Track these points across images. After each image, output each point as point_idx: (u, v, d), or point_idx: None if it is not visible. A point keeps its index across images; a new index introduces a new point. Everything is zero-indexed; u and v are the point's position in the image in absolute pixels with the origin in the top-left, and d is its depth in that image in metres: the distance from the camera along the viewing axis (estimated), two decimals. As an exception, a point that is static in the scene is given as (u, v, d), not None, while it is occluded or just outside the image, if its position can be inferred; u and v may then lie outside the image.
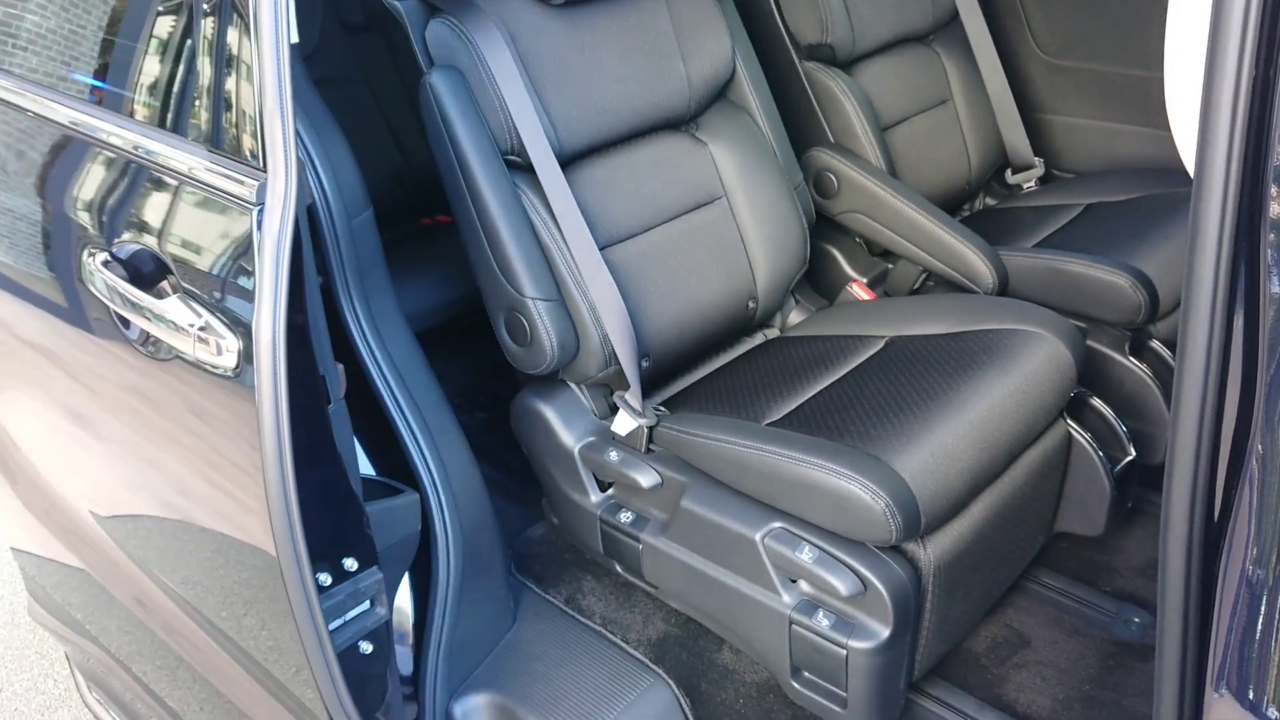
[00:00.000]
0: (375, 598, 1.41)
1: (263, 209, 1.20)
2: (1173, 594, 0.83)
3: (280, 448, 1.21)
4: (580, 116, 1.81)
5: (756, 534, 1.58)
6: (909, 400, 1.64)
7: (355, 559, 1.37)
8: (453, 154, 1.68)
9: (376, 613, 1.42)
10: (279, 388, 1.19)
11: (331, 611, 1.34)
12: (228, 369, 1.29)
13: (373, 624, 1.41)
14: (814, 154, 2.30)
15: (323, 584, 1.32)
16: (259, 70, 1.20)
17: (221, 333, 1.28)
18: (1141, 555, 1.97)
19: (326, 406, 1.34)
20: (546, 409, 1.84)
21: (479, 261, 1.75)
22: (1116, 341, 2.04)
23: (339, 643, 1.35)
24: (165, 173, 1.39)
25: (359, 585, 1.38)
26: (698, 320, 1.92)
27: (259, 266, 1.20)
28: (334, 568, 1.34)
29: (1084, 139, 2.70)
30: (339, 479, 1.36)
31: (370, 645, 1.42)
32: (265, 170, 1.21)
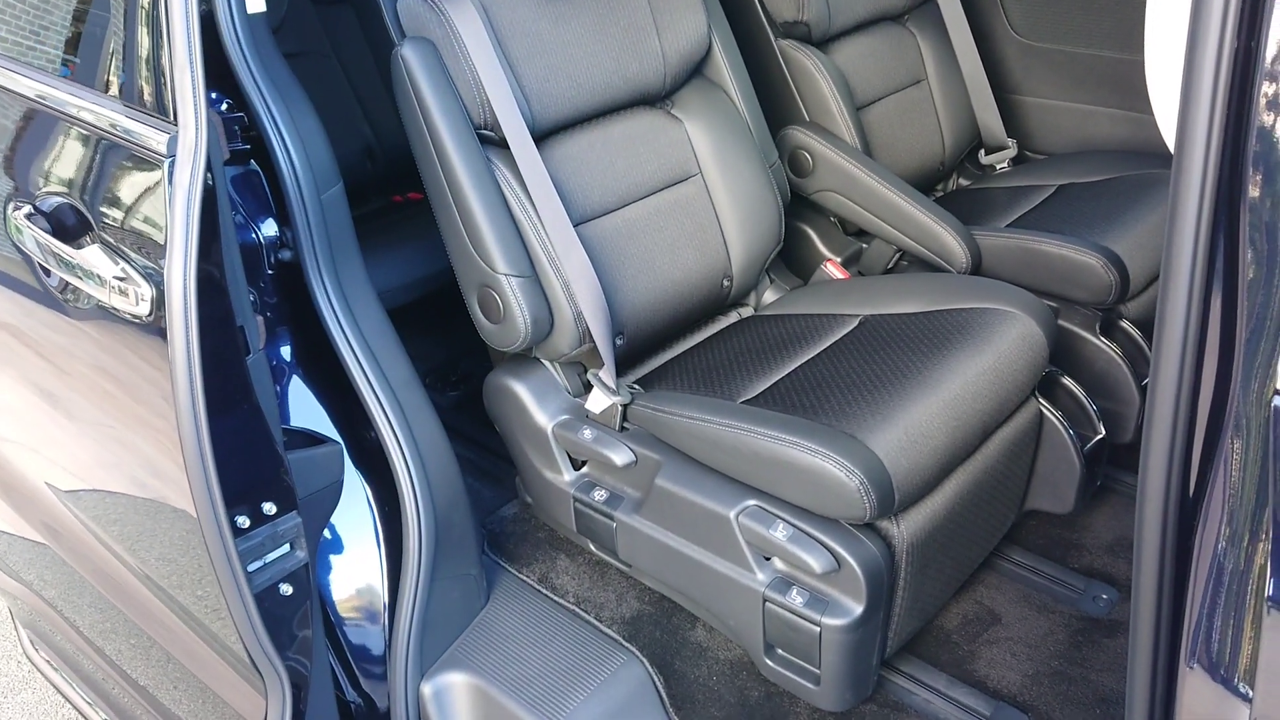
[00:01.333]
0: (295, 541, 1.47)
1: (174, 161, 1.24)
2: (1147, 569, 0.84)
3: (192, 391, 1.25)
4: (554, 91, 1.79)
5: (730, 512, 1.58)
6: (883, 379, 1.64)
7: (274, 504, 1.42)
8: (425, 128, 1.66)
9: (296, 555, 1.47)
10: (190, 334, 1.24)
11: (250, 553, 1.40)
12: (143, 317, 1.33)
13: (293, 566, 1.47)
14: (789, 132, 2.29)
15: (241, 526, 1.38)
16: (168, 22, 1.22)
17: (138, 282, 1.33)
18: (1110, 533, 1.99)
19: (245, 357, 1.38)
20: (519, 387, 1.83)
21: (451, 237, 1.73)
22: (1088, 321, 2.05)
23: (258, 583, 1.41)
24: (82, 125, 1.42)
25: (278, 529, 1.44)
26: (673, 298, 1.91)
27: (170, 218, 1.23)
28: (253, 511, 1.40)
29: (1057, 120, 2.71)
30: (257, 426, 1.40)
31: (290, 587, 1.47)
32: (176, 123, 1.24)
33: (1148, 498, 0.82)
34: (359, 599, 1.69)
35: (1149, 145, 2.57)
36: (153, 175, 1.30)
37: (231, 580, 1.38)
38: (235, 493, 1.36)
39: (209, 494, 1.31)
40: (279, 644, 1.45)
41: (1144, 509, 0.82)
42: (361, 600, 1.69)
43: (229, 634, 1.45)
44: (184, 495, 1.34)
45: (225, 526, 1.35)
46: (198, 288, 1.24)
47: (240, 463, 1.38)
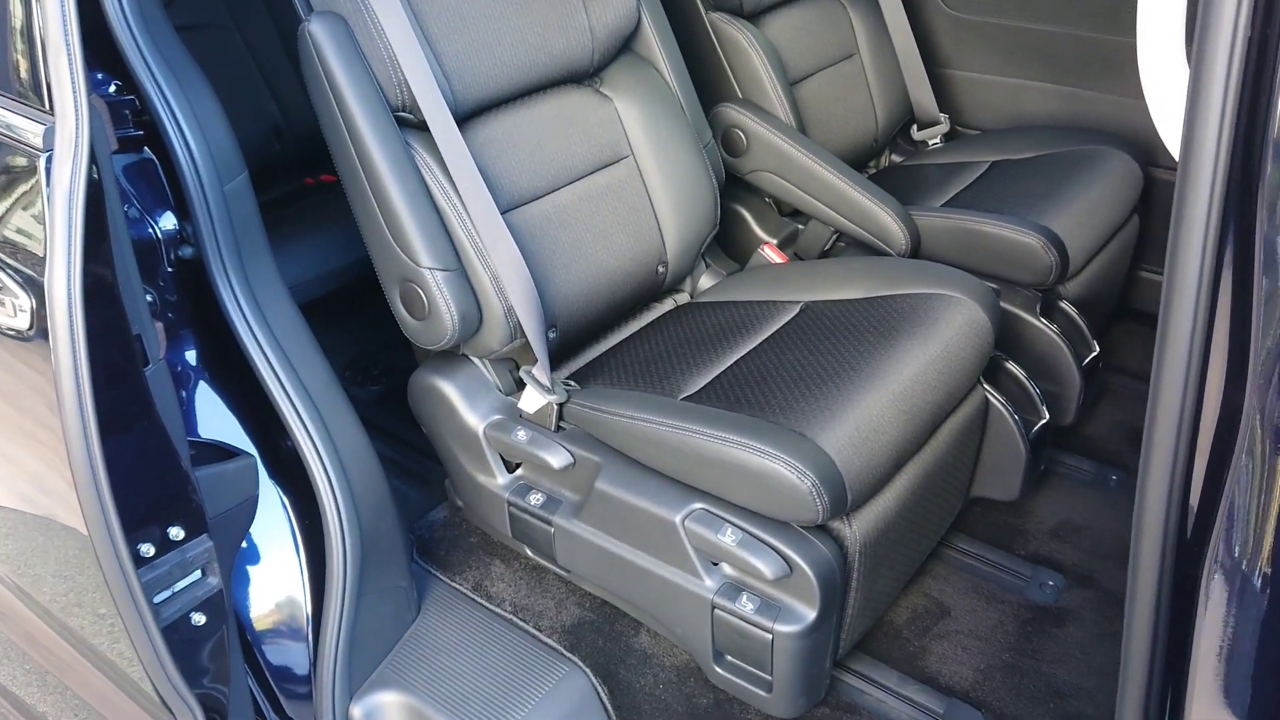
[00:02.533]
0: (206, 567, 1.37)
1: (52, 156, 1.11)
2: (1143, 600, 0.78)
3: (81, 411, 1.15)
4: (476, 69, 1.68)
5: (676, 516, 1.50)
6: (829, 371, 1.58)
7: (182, 527, 1.32)
8: (337, 110, 1.53)
9: (208, 582, 1.37)
10: (77, 348, 1.13)
11: (156, 584, 1.29)
12: (23, 331, 1.22)
13: (205, 594, 1.37)
14: (721, 110, 2.20)
15: (144, 555, 1.27)
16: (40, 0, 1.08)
17: (14, 291, 1.21)
18: (1053, 517, 1.97)
19: (142, 368, 1.27)
20: (448, 386, 1.72)
21: (369, 229, 1.61)
22: (1028, 303, 2.02)
23: (166, 616, 1.31)
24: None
25: (187, 555, 1.33)
26: (606, 287, 1.82)
27: (50, 218, 1.11)
28: (157, 537, 1.29)
29: (988, 95, 2.68)
30: (159, 444, 1.29)
31: (203, 616, 1.37)
32: (53, 113, 1.11)
33: (1144, 527, 0.76)
34: (280, 618, 1.57)
35: (1080, 120, 2.55)
36: (29, 172, 1.16)
37: (135, 615, 1.26)
38: (136, 519, 1.25)
39: (105, 523, 1.19)
40: (191, 677, 1.35)
41: (1140, 536, 0.76)
42: (283, 619, 1.57)
43: (133, 669, 1.33)
44: (75, 513, 1.22)
45: (126, 557, 1.23)
46: (84, 295, 1.12)
47: (141, 485, 1.26)
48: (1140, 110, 2.49)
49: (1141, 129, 2.43)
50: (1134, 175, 2.28)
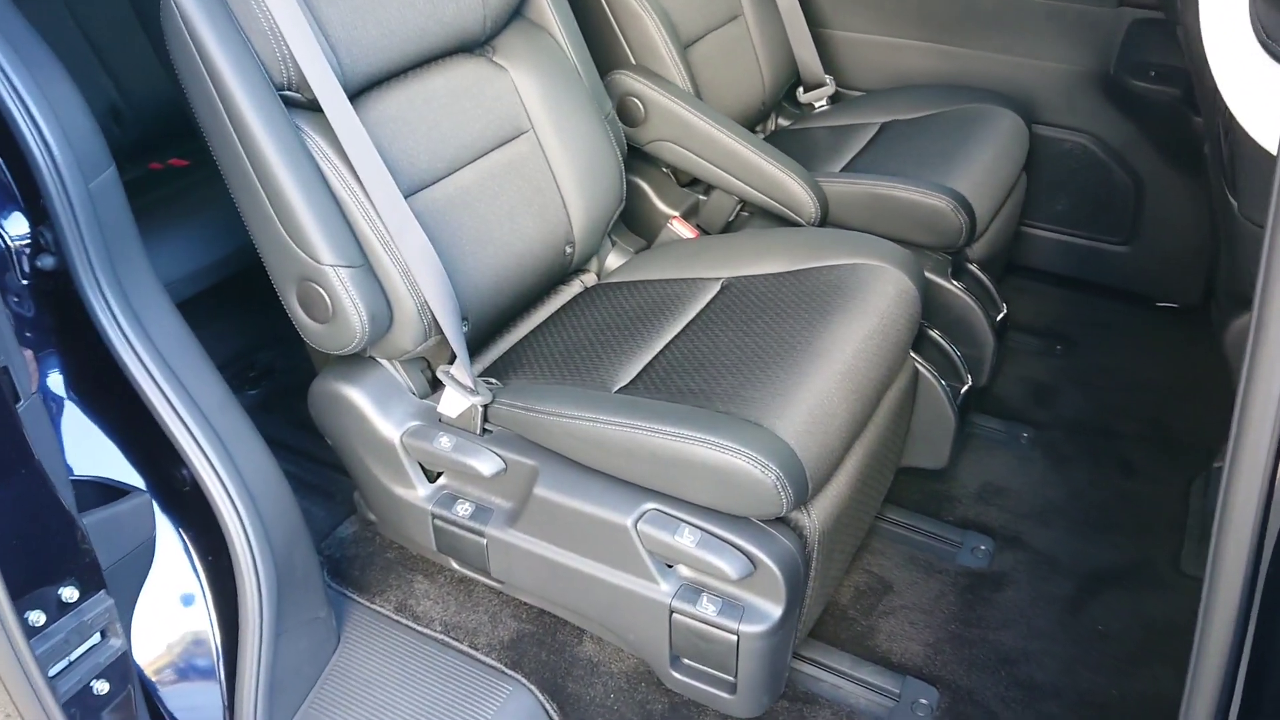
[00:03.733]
0: (107, 628, 1.20)
1: None
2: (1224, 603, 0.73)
3: None
4: (363, 39, 1.51)
5: (627, 519, 1.41)
6: (770, 352, 1.50)
7: (75, 586, 1.14)
8: (214, 92, 1.34)
9: (111, 644, 1.20)
10: None
11: (51, 655, 1.12)
12: None
13: (107, 658, 1.20)
14: (616, 77, 2.09)
15: (35, 624, 1.10)
16: None
17: None
18: (975, 481, 1.97)
19: (14, 405, 1.10)
20: (356, 393, 1.56)
21: (258, 225, 1.43)
22: (939, 266, 2.00)
23: (66, 689, 1.13)
24: None
25: (83, 617, 1.16)
26: (515, 272, 1.69)
27: None
28: (48, 602, 1.12)
29: (868, 55, 2.65)
30: (40, 493, 1.11)
31: (106, 684, 1.20)
32: None
33: (1230, 525, 0.70)
34: (189, 668, 1.40)
35: (960, 78, 2.55)
36: None
37: (29, 693, 1.08)
38: (22, 583, 1.07)
39: None
40: None
41: (1225, 534, 0.71)
42: (192, 669, 1.40)
43: None
44: None
45: (15, 628, 1.05)
46: None
47: (23, 543, 1.07)
48: (1019, 66, 2.53)
49: (1022, 85, 2.46)
50: (1022, 133, 2.30)
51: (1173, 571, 1.76)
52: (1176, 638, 1.64)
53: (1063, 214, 2.54)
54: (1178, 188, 2.37)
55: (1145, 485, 1.96)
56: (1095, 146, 2.43)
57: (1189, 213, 2.38)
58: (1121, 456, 2.04)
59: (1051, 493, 1.95)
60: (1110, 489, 1.96)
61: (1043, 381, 2.25)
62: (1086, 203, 2.49)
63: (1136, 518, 1.88)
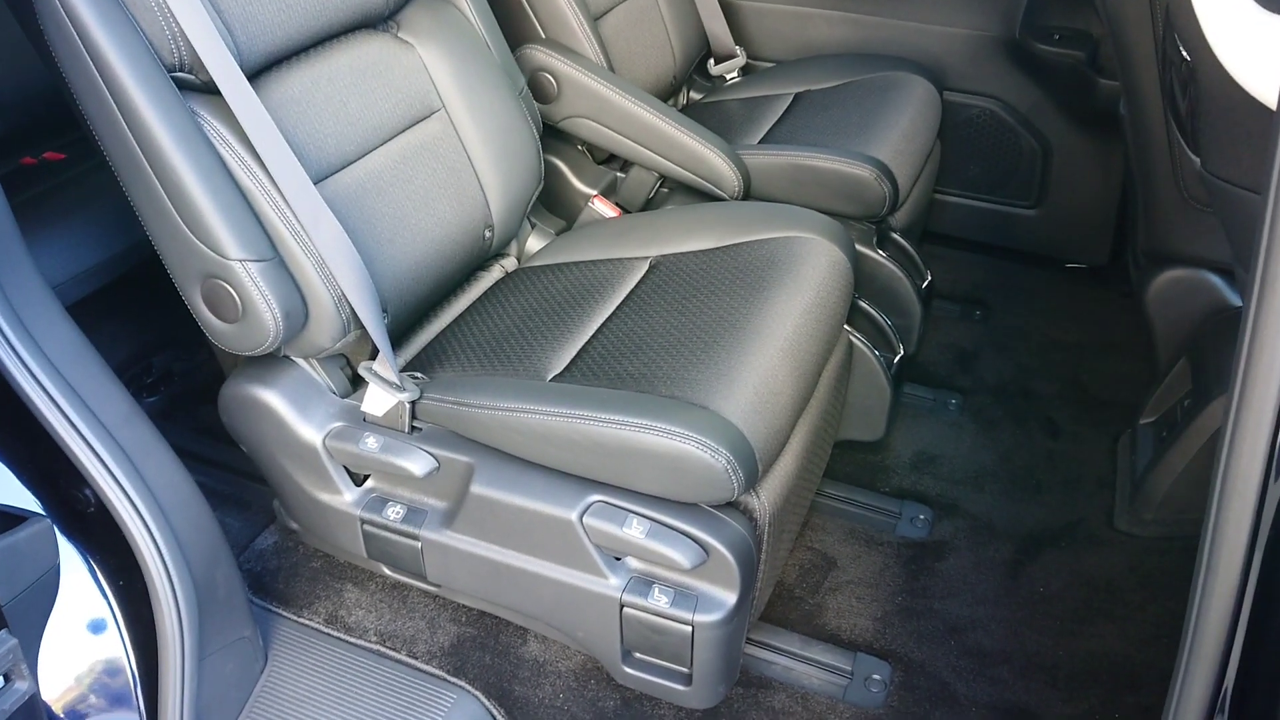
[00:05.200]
0: (12, 670, 1.10)
1: None
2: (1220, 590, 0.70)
3: None
4: (260, 15, 1.40)
5: (572, 513, 1.35)
6: (709, 331, 1.46)
7: None
8: (98, 77, 1.22)
9: (16, 689, 1.11)
10: None
11: None
12: None
13: (13, 703, 1.11)
14: (526, 52, 2.01)
15: None
16: None
17: None
18: (908, 450, 1.97)
19: None
20: (272, 395, 1.46)
21: (155, 219, 1.32)
22: (864, 236, 1.98)
23: None
24: None
25: None
26: (434, 259, 1.61)
27: None
28: None
29: (776, 25, 2.62)
30: None
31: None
32: None
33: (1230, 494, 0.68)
34: (105, 701, 1.29)
35: (868, 46, 2.54)
36: None
37: None
38: None
39: None
40: None
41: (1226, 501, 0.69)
42: (109, 702, 1.29)
43: None
44: None
45: None
46: None
47: None
48: (927, 33, 2.53)
49: (930, 51, 2.46)
50: (934, 100, 2.30)
51: (1106, 529, 1.78)
52: (1115, 595, 1.66)
53: (973, 179, 2.56)
54: (1084, 150, 2.40)
55: (1071, 445, 1.99)
56: (1003, 111, 2.45)
57: (1095, 175, 2.42)
58: (1046, 417, 2.06)
59: (983, 457, 1.96)
60: (1038, 450, 1.97)
61: (965, 347, 2.26)
62: (996, 168, 2.52)
63: (1066, 477, 1.90)
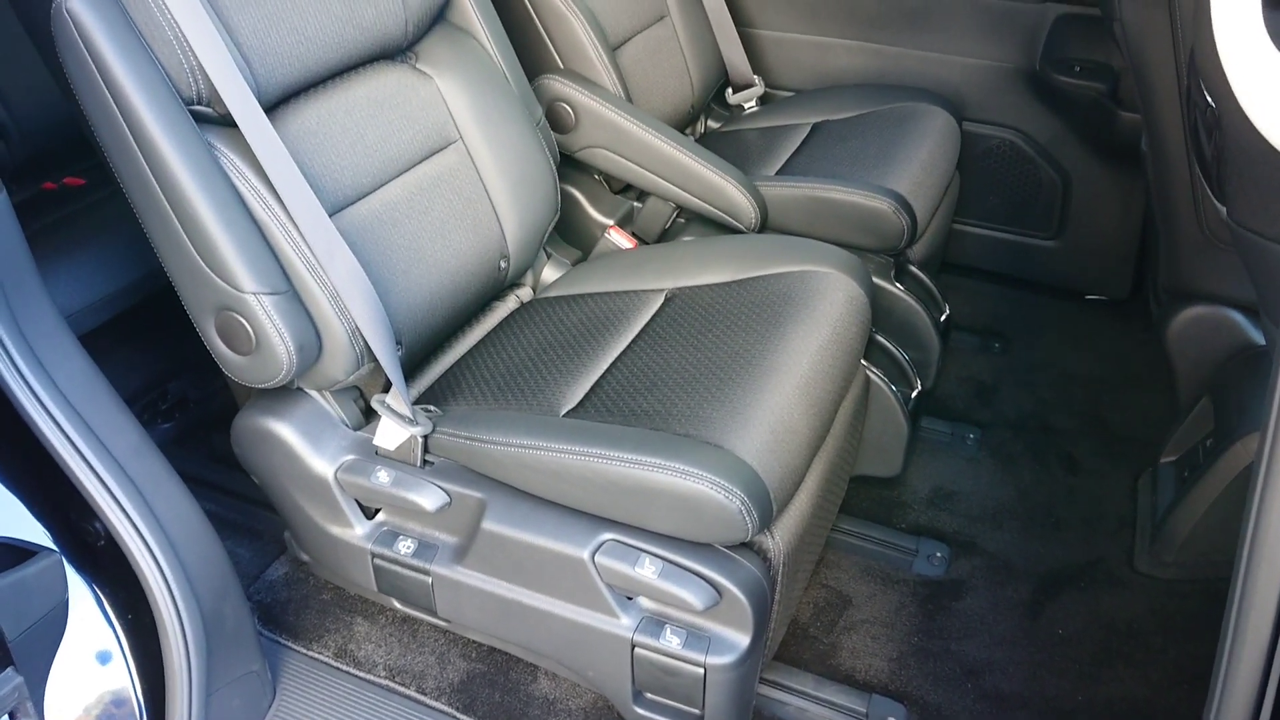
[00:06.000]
0: (16, 709, 1.10)
1: None
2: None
3: None
4: (278, 47, 1.40)
5: (584, 552, 1.33)
6: (724, 367, 1.44)
7: None
8: (115, 110, 1.22)
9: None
10: None
11: None
12: None
13: None
14: (544, 82, 2.01)
15: None
16: None
17: None
18: (925, 485, 1.95)
19: None
20: (284, 428, 1.46)
21: (170, 252, 1.32)
22: (882, 269, 1.97)
23: None
24: None
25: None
26: (450, 290, 1.60)
27: None
28: None
29: (795, 54, 2.62)
30: None
31: None
32: None
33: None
34: (108, 740, 1.28)
35: (886, 75, 2.54)
36: None
37: None
38: None
39: None
40: None
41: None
42: (112, 741, 1.28)
43: None
44: None
45: None
46: None
47: None
48: (946, 64, 2.52)
49: (949, 82, 2.45)
50: (954, 131, 2.29)
51: (1127, 569, 1.75)
52: (1136, 638, 1.63)
53: (992, 210, 2.54)
54: (1104, 182, 2.38)
55: (1091, 481, 1.96)
56: (1023, 142, 2.43)
57: (1116, 207, 2.40)
58: (1066, 453, 2.03)
59: (1001, 493, 1.93)
60: (1058, 487, 1.95)
61: (984, 380, 2.24)
62: (1015, 198, 2.50)
63: (1085, 515, 1.88)
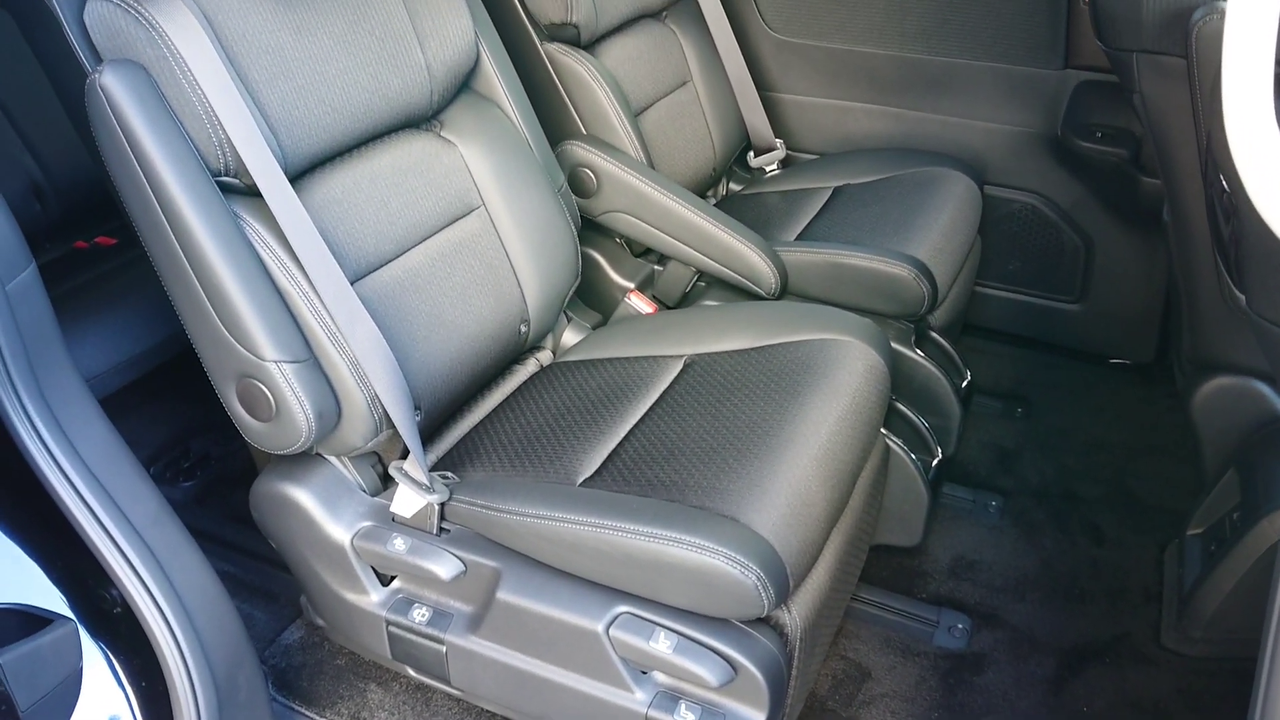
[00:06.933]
0: None
1: None
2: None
3: None
4: (305, 118, 1.43)
5: (598, 625, 1.32)
6: (742, 437, 1.44)
7: None
8: (145, 182, 1.25)
9: None
10: None
11: None
12: None
13: None
14: (567, 148, 2.03)
15: None
16: None
17: None
18: (946, 554, 1.92)
19: None
20: (302, 494, 1.46)
21: (194, 319, 1.34)
22: (903, 336, 1.96)
23: None
24: None
25: None
26: (470, 356, 1.61)
27: None
28: None
29: (815, 117, 2.64)
30: None
31: None
32: None
33: None
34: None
35: (907, 140, 2.55)
36: None
37: None
38: None
39: None
40: None
41: None
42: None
43: None
44: None
45: None
46: None
47: None
48: (967, 128, 2.53)
49: (971, 146, 2.46)
50: (975, 196, 2.29)
51: (1153, 645, 1.72)
52: (1163, 718, 1.59)
53: (1014, 273, 2.54)
54: (1127, 246, 2.38)
55: (1116, 552, 1.93)
56: (1045, 207, 2.43)
57: (1139, 271, 2.38)
58: (1089, 522, 2.01)
59: (1024, 563, 1.90)
60: (1082, 557, 1.92)
61: (1006, 446, 2.22)
62: (1037, 262, 2.49)
63: (1110, 587, 1.84)
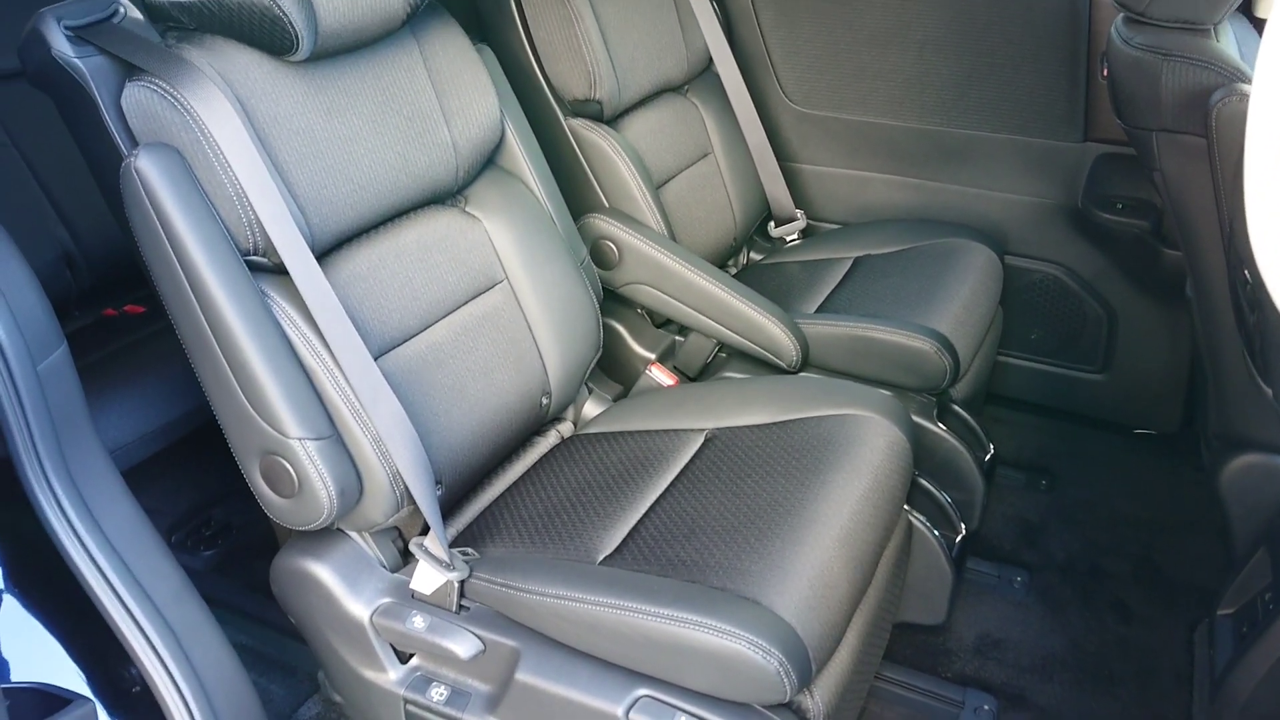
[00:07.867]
0: None
1: None
2: None
3: None
4: (333, 198, 1.46)
5: (618, 708, 1.31)
6: (763, 516, 1.43)
7: None
8: (175, 261, 1.27)
9: None
10: None
11: None
12: None
13: None
14: (590, 221, 2.06)
15: None
16: None
17: None
18: (971, 631, 1.89)
19: None
20: (322, 570, 1.46)
21: (220, 395, 1.35)
22: (925, 409, 1.96)
23: None
24: None
25: None
26: (491, 429, 1.61)
27: None
28: None
29: (834, 188, 2.66)
30: None
31: None
32: None
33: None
34: None
35: (926, 210, 2.56)
36: None
37: None
38: None
39: None
40: None
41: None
42: None
43: None
44: None
45: None
46: None
47: None
48: (988, 199, 2.54)
49: (991, 217, 2.47)
50: (995, 267, 2.29)
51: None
52: (1197, 807, 1.55)
53: (1036, 343, 2.53)
54: (1151, 317, 2.37)
55: (1145, 631, 1.89)
56: (1066, 277, 2.43)
57: (1163, 341, 2.37)
58: (1117, 599, 1.97)
59: (1051, 643, 1.87)
60: (1110, 636, 1.88)
61: (1030, 520, 2.20)
62: (1060, 332, 2.49)
63: (1140, 668, 1.81)
